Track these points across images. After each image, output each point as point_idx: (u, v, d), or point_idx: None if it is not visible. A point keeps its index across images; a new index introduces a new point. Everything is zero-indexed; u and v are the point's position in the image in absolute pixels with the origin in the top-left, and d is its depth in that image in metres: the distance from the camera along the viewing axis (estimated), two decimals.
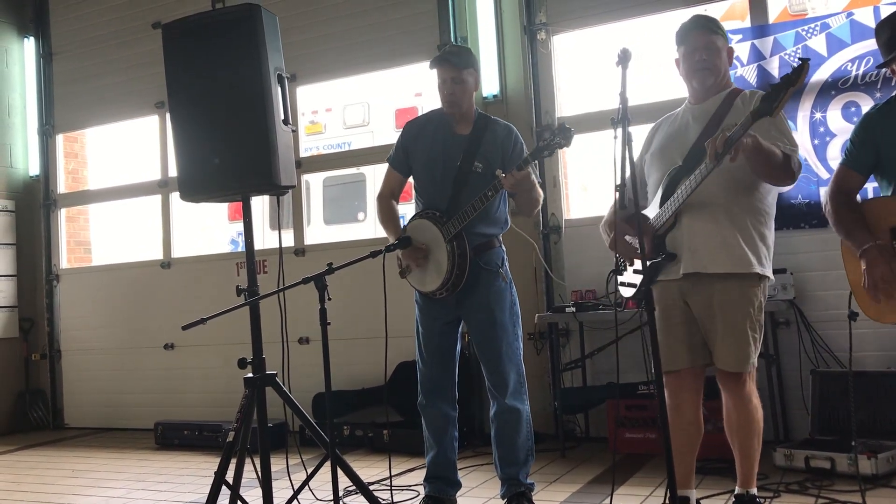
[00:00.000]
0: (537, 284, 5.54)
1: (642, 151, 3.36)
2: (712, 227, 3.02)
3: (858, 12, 4.69)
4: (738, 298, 3.02)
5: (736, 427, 3.11)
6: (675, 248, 3.09)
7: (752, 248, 3.03)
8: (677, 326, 3.12)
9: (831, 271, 3.03)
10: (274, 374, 3.27)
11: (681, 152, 3.11)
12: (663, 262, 3.11)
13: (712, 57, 3.12)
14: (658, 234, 3.12)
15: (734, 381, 3.07)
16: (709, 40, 3.11)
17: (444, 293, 3.55)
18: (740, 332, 3.02)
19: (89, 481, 5.09)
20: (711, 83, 3.14)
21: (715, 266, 3.01)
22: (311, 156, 7.39)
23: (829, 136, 4.74)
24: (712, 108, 3.13)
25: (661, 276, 3.14)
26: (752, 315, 3.03)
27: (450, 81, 3.58)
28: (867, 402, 4.30)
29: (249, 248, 3.37)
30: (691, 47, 3.12)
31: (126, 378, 7.14)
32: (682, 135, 3.16)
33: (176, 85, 3.34)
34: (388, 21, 6.16)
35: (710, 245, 3.02)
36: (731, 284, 3.02)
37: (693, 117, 3.17)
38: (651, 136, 3.36)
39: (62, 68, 7.67)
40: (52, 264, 7.60)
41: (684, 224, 3.06)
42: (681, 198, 3.01)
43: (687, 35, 3.13)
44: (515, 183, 3.33)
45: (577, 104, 5.66)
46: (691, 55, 3.12)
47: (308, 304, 3.29)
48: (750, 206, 3.06)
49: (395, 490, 4.06)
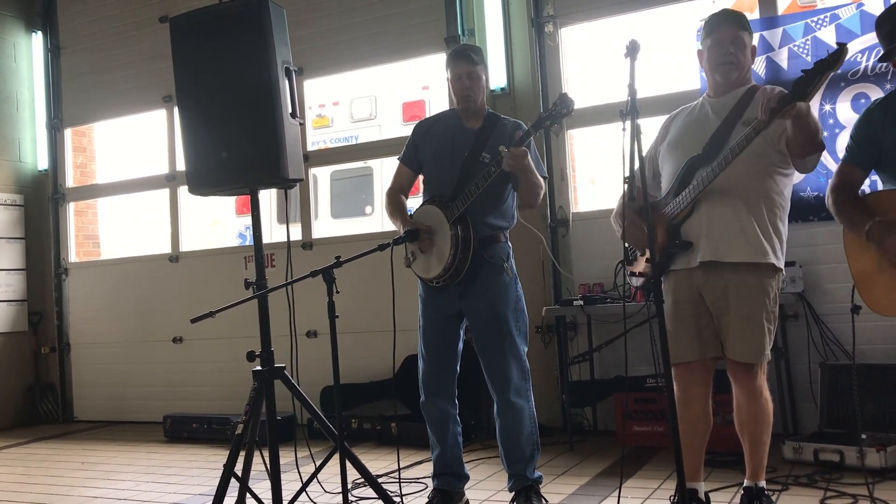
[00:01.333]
0: (545, 278, 5.54)
1: (657, 142, 3.35)
2: (731, 215, 3.01)
3: (868, 3, 4.66)
4: (754, 288, 3.01)
5: (747, 420, 3.10)
6: (691, 237, 3.07)
7: (769, 238, 3.03)
8: (689, 318, 3.10)
9: (840, 264, 3.02)
10: (282, 367, 3.28)
11: (700, 142, 3.09)
12: (677, 251, 3.10)
13: (738, 52, 3.10)
14: (674, 223, 3.11)
15: (746, 373, 3.06)
16: (737, 35, 3.09)
17: (446, 279, 3.53)
18: (756, 323, 3.01)
19: (99, 474, 5.12)
20: (735, 78, 3.13)
21: (732, 255, 3.00)
22: (318, 149, 7.40)
23: (838, 129, 4.71)
24: (732, 102, 3.12)
25: (674, 265, 3.13)
26: (767, 306, 3.02)
27: (465, 77, 3.59)
28: (876, 395, 4.28)
29: (257, 242, 3.38)
30: (718, 40, 3.09)
31: (135, 371, 7.17)
32: (701, 126, 3.14)
33: (183, 79, 3.34)
34: (396, 14, 6.16)
35: (727, 233, 3.01)
36: (747, 275, 3.01)
37: (713, 110, 3.16)
38: (667, 126, 3.34)
39: (70, 63, 7.69)
40: (60, 258, 7.63)
41: (702, 212, 3.05)
42: (700, 186, 3.00)
43: (716, 28, 3.11)
44: (514, 161, 3.31)
45: (585, 97, 5.63)
46: (718, 48, 3.10)
47: (316, 298, 3.29)
48: (767, 198, 3.05)
49: (403, 482, 4.08)
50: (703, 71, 3.29)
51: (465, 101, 3.63)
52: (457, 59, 3.62)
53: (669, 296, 3.15)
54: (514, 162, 3.33)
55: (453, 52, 3.71)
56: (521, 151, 3.33)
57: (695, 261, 3.06)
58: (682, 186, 3.09)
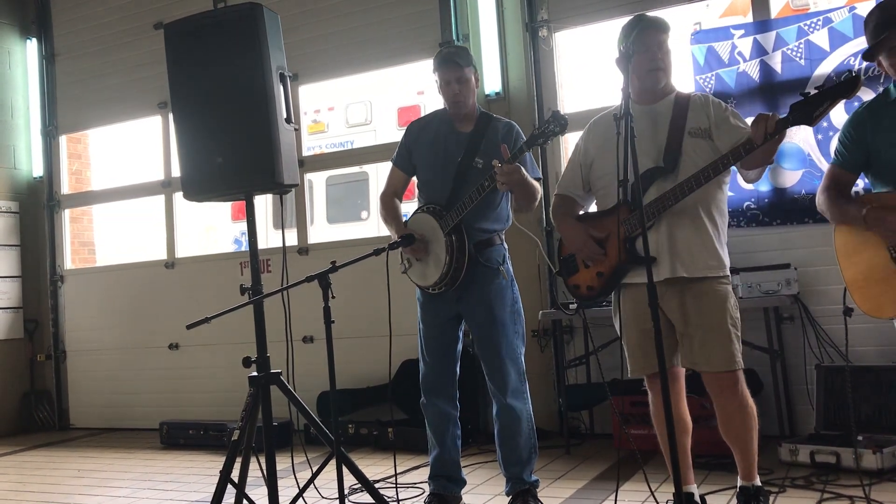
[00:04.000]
0: (541, 281, 5.54)
1: (585, 151, 3.29)
2: (692, 230, 3.01)
3: (860, 6, 4.68)
4: (715, 299, 3.01)
5: (734, 430, 3.08)
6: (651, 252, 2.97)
7: (723, 249, 3.07)
8: (650, 330, 3.06)
9: (835, 266, 3.02)
10: (279, 373, 3.28)
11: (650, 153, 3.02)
12: (632, 267, 3.05)
13: (666, 57, 3.09)
14: (631, 236, 3.03)
15: (727, 383, 3.02)
16: (661, 40, 3.07)
17: (442, 287, 3.54)
18: (722, 331, 3.00)
19: (95, 481, 5.10)
20: (663, 85, 3.10)
21: (697, 270, 3.00)
22: (313, 155, 7.40)
23: (832, 131, 4.73)
24: (666, 109, 3.09)
25: (628, 278, 3.10)
26: (729, 311, 3.03)
27: (454, 82, 3.57)
28: (872, 396, 4.29)
29: (253, 248, 3.38)
30: (645, 47, 3.02)
31: (131, 378, 7.16)
32: (646, 135, 3.03)
33: (178, 85, 3.35)
34: (390, 19, 6.16)
35: (691, 249, 3.01)
36: (707, 286, 3.02)
37: (650, 118, 3.08)
38: (593, 135, 3.27)
39: (65, 69, 7.69)
40: (56, 265, 7.62)
41: (663, 227, 3.01)
42: (664, 204, 2.96)
43: (641, 35, 3.02)
44: (506, 176, 3.28)
45: (580, 101, 5.65)
46: (646, 54, 3.03)
47: (312, 303, 3.29)
48: (719, 209, 3.09)
49: (400, 488, 4.07)
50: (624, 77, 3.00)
51: (455, 105, 3.63)
52: (443, 65, 3.58)
53: (627, 309, 3.11)
54: (507, 179, 3.30)
55: (440, 56, 3.64)
56: (514, 168, 3.30)
57: (660, 276, 2.98)
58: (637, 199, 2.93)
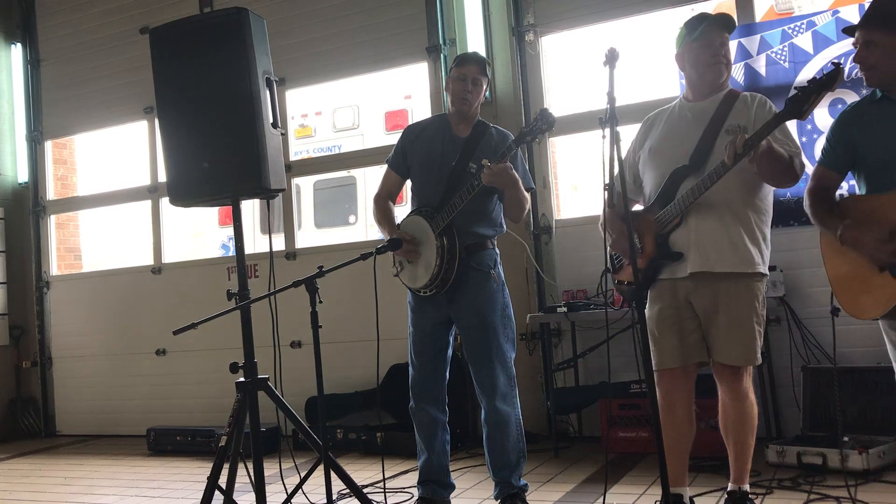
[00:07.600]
0: (528, 285, 5.55)
1: (636, 146, 3.35)
2: (719, 226, 3.05)
3: (844, 10, 4.72)
4: (744, 295, 3.06)
5: (732, 422, 3.13)
6: (679, 248, 3.10)
7: (756, 245, 3.08)
8: (673, 325, 3.13)
9: (821, 268, 3.03)
10: (266, 378, 3.27)
11: (684, 151, 3.11)
12: (665, 262, 3.12)
13: (727, 53, 3.15)
14: (662, 233, 3.13)
15: (733, 376, 3.08)
16: (724, 38, 3.13)
17: (433, 289, 3.55)
18: (747, 328, 3.05)
19: (82, 488, 5.07)
20: (724, 79, 3.16)
21: (721, 265, 3.04)
22: (301, 159, 7.38)
23: (816, 134, 4.77)
24: (711, 107, 3.14)
25: (662, 274, 3.16)
26: (756, 309, 3.08)
27: (469, 79, 3.61)
28: (858, 397, 4.32)
29: (240, 253, 3.37)
30: (709, 41, 3.09)
31: (118, 384, 7.11)
32: (683, 133, 3.15)
33: (164, 90, 3.34)
34: (377, 24, 6.17)
35: (717, 244, 3.04)
36: (736, 282, 3.05)
37: (693, 115, 3.17)
38: (646, 130, 3.34)
39: (50, 74, 7.65)
40: (42, 271, 7.57)
41: (691, 223, 3.08)
42: (690, 198, 3.02)
43: (705, 29, 3.10)
44: (494, 175, 3.33)
45: (567, 104, 5.67)
46: (707, 49, 3.10)
47: (299, 308, 3.28)
48: (753, 206, 3.10)
49: (388, 493, 4.07)
50: (683, 74, 3.29)
51: (461, 102, 3.64)
52: (467, 61, 3.65)
53: (655, 304, 3.18)
54: (494, 178, 3.34)
55: (465, 54, 3.75)
56: (502, 167, 3.34)
57: (683, 271, 3.08)
58: (668, 196, 3.11)
